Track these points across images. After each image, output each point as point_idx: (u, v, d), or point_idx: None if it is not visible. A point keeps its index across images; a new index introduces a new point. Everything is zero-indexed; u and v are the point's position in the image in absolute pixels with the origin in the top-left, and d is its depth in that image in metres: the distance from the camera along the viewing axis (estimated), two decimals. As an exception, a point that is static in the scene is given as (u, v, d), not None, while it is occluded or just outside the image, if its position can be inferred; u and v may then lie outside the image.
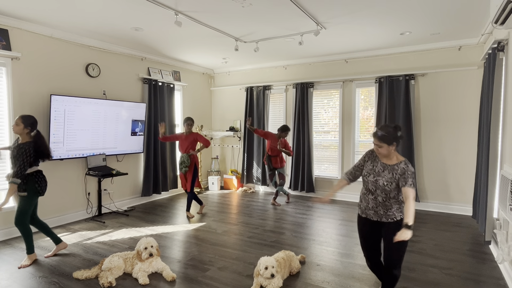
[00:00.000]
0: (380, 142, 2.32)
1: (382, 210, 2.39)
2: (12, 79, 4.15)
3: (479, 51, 5.04)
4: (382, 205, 2.38)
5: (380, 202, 2.38)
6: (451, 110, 5.29)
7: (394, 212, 2.36)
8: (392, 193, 2.33)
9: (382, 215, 2.39)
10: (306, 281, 3.02)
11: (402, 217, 2.33)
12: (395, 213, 2.36)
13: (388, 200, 2.36)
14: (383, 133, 2.31)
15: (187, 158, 4.99)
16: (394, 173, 2.32)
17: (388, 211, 2.37)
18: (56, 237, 3.63)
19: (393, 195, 2.34)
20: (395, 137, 2.32)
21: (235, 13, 3.88)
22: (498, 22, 2.51)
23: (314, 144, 6.54)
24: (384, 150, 2.34)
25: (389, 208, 2.36)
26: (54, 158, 4.50)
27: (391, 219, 2.37)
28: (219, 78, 7.72)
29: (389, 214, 2.37)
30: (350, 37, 4.94)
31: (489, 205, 3.64)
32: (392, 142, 2.31)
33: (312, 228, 4.55)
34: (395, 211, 2.36)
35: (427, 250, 3.72)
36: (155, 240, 3.25)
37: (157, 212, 5.39)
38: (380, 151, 2.35)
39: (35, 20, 4.12)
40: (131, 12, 3.84)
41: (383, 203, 2.38)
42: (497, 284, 2.96)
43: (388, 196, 2.34)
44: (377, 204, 2.40)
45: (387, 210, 2.37)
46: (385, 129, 2.32)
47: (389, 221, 2.38)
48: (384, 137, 2.30)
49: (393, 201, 2.36)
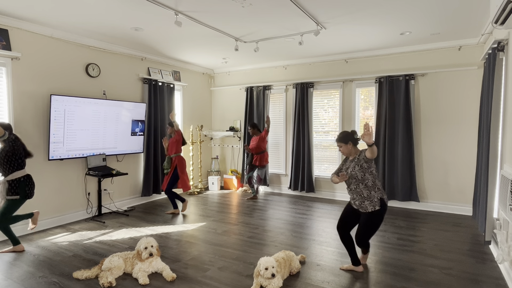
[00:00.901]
0: (338, 142, 3.09)
1: (358, 201, 3.04)
2: (12, 79, 4.15)
3: (479, 51, 5.04)
4: (355, 193, 3.04)
5: (353, 190, 3.05)
6: (451, 110, 5.29)
7: (366, 205, 3.00)
8: (358, 175, 2.98)
9: (358, 205, 3.05)
10: (306, 281, 3.02)
11: (373, 209, 2.97)
12: (367, 205, 3.00)
13: (358, 186, 3.01)
14: (339, 136, 3.11)
15: (168, 161, 5.21)
16: (355, 160, 3.03)
17: (362, 202, 3.02)
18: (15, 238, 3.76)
19: (360, 177, 2.98)
20: (350, 138, 3.05)
21: (235, 13, 3.88)
22: (498, 22, 2.51)
23: (314, 144, 6.54)
24: (344, 149, 3.08)
25: (362, 197, 3.00)
26: (54, 158, 4.50)
27: (364, 210, 3.02)
28: (219, 78, 7.72)
29: (363, 206, 3.02)
30: (350, 37, 4.94)
31: (489, 205, 3.64)
32: (348, 142, 3.05)
33: (312, 228, 4.55)
34: (368, 204, 2.99)
35: (427, 250, 3.72)
36: (155, 240, 3.24)
37: (157, 212, 5.39)
38: (341, 150, 3.11)
39: (35, 20, 4.12)
40: (131, 12, 3.84)
41: (355, 190, 3.04)
42: (497, 284, 2.96)
43: (358, 180, 2.99)
44: (353, 192, 3.07)
45: (362, 200, 3.01)
46: (341, 133, 3.11)
47: (363, 212, 3.03)
48: (340, 138, 3.08)
49: (363, 187, 3.00)
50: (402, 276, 3.11)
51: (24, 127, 4.29)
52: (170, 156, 5.21)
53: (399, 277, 3.08)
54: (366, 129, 2.72)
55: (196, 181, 7.35)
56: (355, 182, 3.02)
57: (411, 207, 5.63)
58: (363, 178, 2.98)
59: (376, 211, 2.97)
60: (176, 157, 5.21)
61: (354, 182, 3.02)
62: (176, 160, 5.19)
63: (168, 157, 5.21)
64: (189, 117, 7.17)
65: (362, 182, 2.99)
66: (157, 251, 3.23)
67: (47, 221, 4.58)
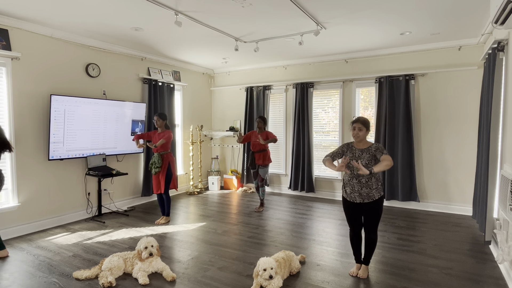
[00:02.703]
0: (360, 125, 2.94)
1: (365, 191, 2.92)
2: (12, 79, 4.15)
3: (479, 51, 5.04)
4: (365, 186, 2.91)
5: (364, 184, 2.92)
6: (451, 110, 5.29)
7: (374, 193, 2.91)
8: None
9: (365, 196, 2.93)
10: (306, 281, 3.02)
11: (379, 196, 2.92)
12: (374, 193, 2.91)
13: (370, 180, 2.90)
14: (365, 118, 2.98)
15: (158, 158, 4.62)
16: (370, 152, 2.90)
17: (370, 192, 2.91)
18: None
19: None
20: (368, 126, 2.99)
21: (235, 13, 3.88)
22: (498, 22, 2.51)
23: (314, 144, 6.54)
24: (362, 133, 2.94)
25: (371, 188, 2.90)
26: (54, 158, 4.50)
27: (371, 199, 2.93)
28: (219, 78, 7.72)
29: (370, 195, 2.91)
30: (350, 37, 4.94)
31: (489, 205, 3.64)
32: (369, 128, 2.99)
33: (312, 228, 4.55)
34: (375, 192, 2.91)
35: (427, 250, 3.72)
36: (155, 240, 3.25)
37: (157, 212, 5.38)
38: (360, 134, 2.93)
39: (35, 20, 4.12)
40: (131, 12, 3.84)
41: (366, 183, 2.91)
42: (497, 284, 2.96)
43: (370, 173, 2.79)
44: (361, 186, 2.92)
45: (370, 190, 2.90)
46: (363, 118, 2.99)
47: (369, 201, 2.93)
48: (364, 121, 2.95)
49: (374, 180, 2.91)
50: (402, 276, 3.11)
51: (24, 127, 4.30)
52: (160, 154, 4.66)
53: (399, 277, 3.08)
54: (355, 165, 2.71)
55: (196, 181, 7.34)
56: (367, 175, 2.87)
57: (411, 207, 5.62)
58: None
59: (382, 196, 2.97)
60: (167, 154, 4.72)
61: (367, 176, 2.88)
62: (168, 158, 4.71)
63: (158, 155, 4.64)
64: (189, 117, 7.17)
65: (374, 175, 2.90)
66: (157, 251, 3.24)
67: (47, 221, 4.58)
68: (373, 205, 2.95)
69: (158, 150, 4.67)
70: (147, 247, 3.16)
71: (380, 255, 3.60)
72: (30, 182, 4.37)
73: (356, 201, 2.99)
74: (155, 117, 4.69)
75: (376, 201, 2.95)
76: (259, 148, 5.38)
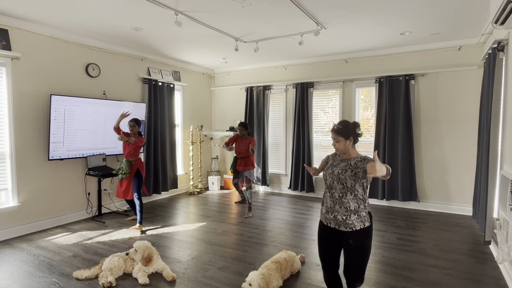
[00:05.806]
0: (337, 136, 2.20)
1: (341, 215, 2.16)
2: (12, 79, 4.15)
3: (479, 51, 5.04)
4: (339, 203, 2.18)
5: (337, 199, 2.19)
6: (451, 110, 5.29)
7: (353, 220, 2.14)
8: (348, 182, 2.14)
9: (340, 222, 2.16)
10: (306, 281, 3.02)
11: (362, 227, 2.14)
12: (354, 222, 2.14)
13: (345, 195, 2.16)
14: (340, 127, 2.20)
15: (126, 165, 4.50)
16: (349, 162, 2.20)
17: (347, 217, 2.15)
18: None
19: (349, 185, 2.14)
20: (353, 133, 2.20)
21: (235, 13, 3.88)
22: (498, 22, 2.51)
23: (314, 144, 6.54)
24: (341, 146, 2.21)
25: (347, 210, 2.15)
26: (54, 158, 4.50)
27: (349, 228, 2.14)
28: (219, 78, 7.72)
29: (348, 223, 2.14)
30: (350, 37, 4.94)
31: (489, 205, 3.64)
32: (349, 137, 2.19)
33: (312, 228, 4.55)
34: (355, 220, 2.14)
35: (427, 250, 3.72)
36: (147, 246, 3.17)
37: (157, 212, 5.39)
38: (337, 146, 2.22)
39: (35, 20, 4.12)
40: (131, 12, 3.84)
41: (339, 199, 2.18)
42: (497, 284, 2.96)
43: (345, 186, 2.16)
44: (334, 202, 2.20)
45: (347, 214, 2.15)
46: (343, 123, 2.22)
47: (348, 230, 2.15)
48: (341, 130, 2.19)
49: (351, 197, 2.15)
50: (402, 276, 3.11)
51: (24, 127, 4.29)
52: (129, 160, 4.53)
53: (399, 277, 3.08)
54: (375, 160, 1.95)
55: (196, 181, 7.34)
56: (341, 189, 2.17)
57: (411, 207, 5.63)
58: (352, 187, 2.14)
59: (367, 228, 2.16)
60: (136, 160, 4.59)
61: (341, 189, 2.17)
62: (137, 164, 4.57)
63: (127, 160, 4.52)
64: (189, 117, 7.17)
65: (351, 192, 2.15)
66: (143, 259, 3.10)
67: (47, 221, 4.58)
68: (355, 238, 2.15)
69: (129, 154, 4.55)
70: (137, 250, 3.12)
71: (380, 255, 3.60)
72: (30, 182, 4.37)
73: (330, 225, 2.23)
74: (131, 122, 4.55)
75: (358, 232, 2.15)
76: (243, 155, 5.27)
